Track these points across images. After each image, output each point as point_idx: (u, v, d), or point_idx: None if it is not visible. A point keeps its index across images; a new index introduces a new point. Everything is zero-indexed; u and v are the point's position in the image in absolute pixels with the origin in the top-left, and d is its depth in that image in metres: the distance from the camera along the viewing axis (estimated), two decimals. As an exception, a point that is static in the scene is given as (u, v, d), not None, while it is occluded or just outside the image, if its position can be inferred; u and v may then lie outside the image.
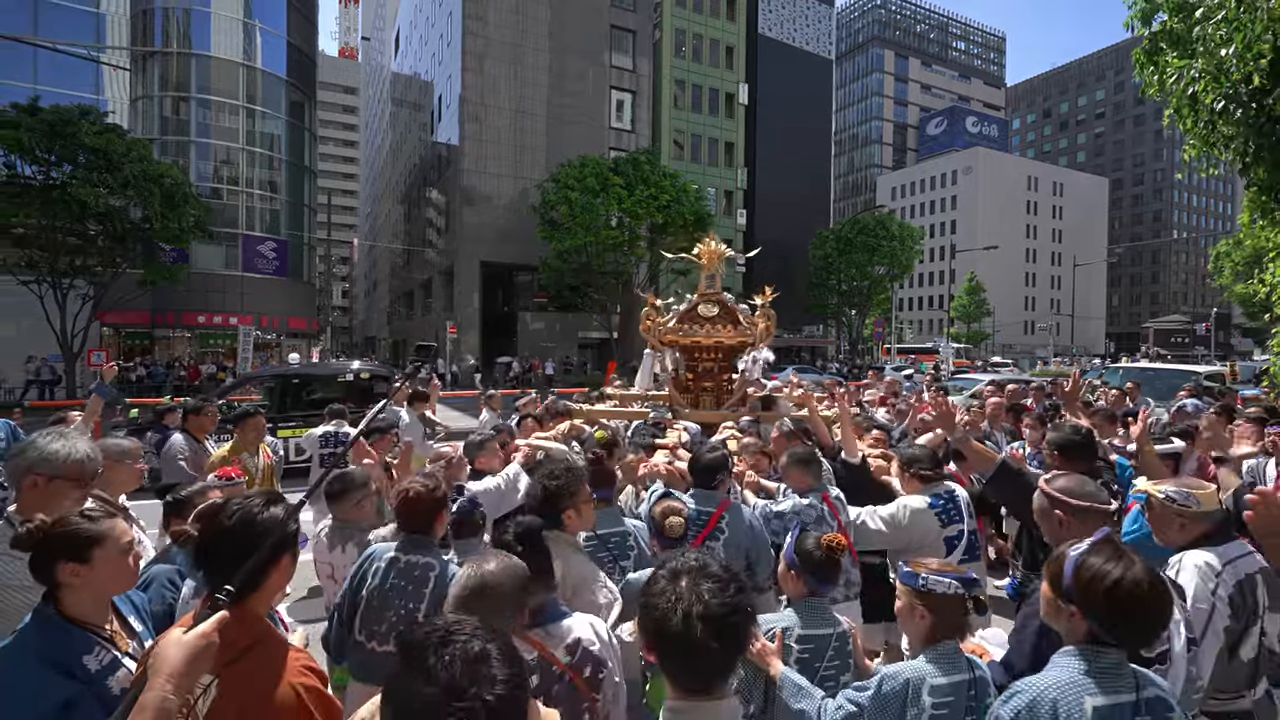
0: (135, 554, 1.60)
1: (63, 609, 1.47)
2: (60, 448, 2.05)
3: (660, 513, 2.44)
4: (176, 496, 2.25)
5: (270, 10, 33.84)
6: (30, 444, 2.07)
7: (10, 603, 1.83)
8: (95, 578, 1.50)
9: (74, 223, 20.68)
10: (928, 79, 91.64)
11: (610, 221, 27.75)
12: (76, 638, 1.45)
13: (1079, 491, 1.94)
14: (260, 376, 12.75)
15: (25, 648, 1.41)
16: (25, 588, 1.86)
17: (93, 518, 1.54)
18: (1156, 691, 1.39)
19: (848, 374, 30.03)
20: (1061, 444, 3.05)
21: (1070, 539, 1.63)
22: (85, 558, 1.48)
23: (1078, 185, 80.00)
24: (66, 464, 2.02)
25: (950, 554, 2.79)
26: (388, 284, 59.81)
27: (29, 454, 2.04)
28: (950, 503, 2.92)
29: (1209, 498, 2.06)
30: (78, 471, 2.04)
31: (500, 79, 33.60)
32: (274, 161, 34.37)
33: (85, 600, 1.51)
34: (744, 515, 2.78)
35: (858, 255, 39.66)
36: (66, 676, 1.38)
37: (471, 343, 32.62)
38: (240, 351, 24.31)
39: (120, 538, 1.54)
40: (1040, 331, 61.35)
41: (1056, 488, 1.97)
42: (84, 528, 1.51)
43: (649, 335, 6.57)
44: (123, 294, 22.62)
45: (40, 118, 19.52)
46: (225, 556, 1.29)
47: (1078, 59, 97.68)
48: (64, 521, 1.54)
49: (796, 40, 56.25)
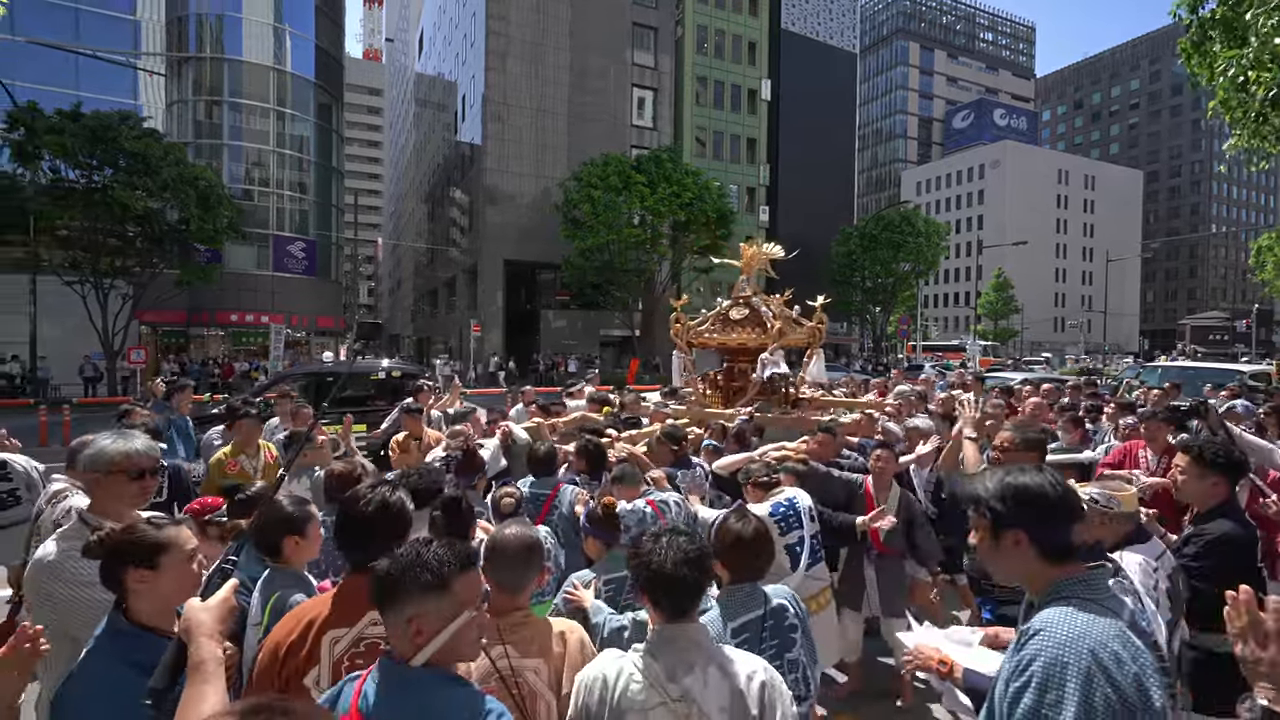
0: (200, 561, 1.65)
1: (131, 615, 1.53)
2: (110, 444, 2.13)
3: (496, 497, 3.05)
4: (242, 496, 2.32)
5: (299, 14, 34.48)
6: (86, 445, 2.15)
7: (83, 599, 1.91)
8: (161, 583, 1.55)
9: (114, 224, 21.37)
10: (954, 71, 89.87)
11: (632, 219, 27.75)
12: (153, 641, 1.50)
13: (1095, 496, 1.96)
14: (294, 375, 13.04)
15: (111, 654, 1.47)
16: (96, 584, 1.94)
17: (159, 525, 1.60)
18: (779, 601, 1.96)
19: (872, 372, 29.66)
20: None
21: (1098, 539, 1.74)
22: (153, 564, 1.54)
23: (1111, 178, 77.81)
24: (114, 460, 2.10)
25: (795, 562, 2.91)
26: (412, 282, 60.64)
27: (84, 455, 2.11)
28: (790, 510, 3.03)
29: (1129, 499, 2.20)
30: (128, 465, 2.12)
31: (523, 78, 33.80)
32: (303, 163, 35.05)
33: (153, 605, 1.55)
34: (567, 497, 3.33)
35: (882, 252, 39.09)
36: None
37: (495, 341, 32.93)
38: (272, 349, 24.85)
39: (185, 545, 1.60)
40: (1071, 328, 59.87)
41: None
42: (150, 535, 1.56)
43: (677, 339, 6.72)
44: (160, 294, 23.31)
45: (82, 123, 20.18)
46: (367, 535, 1.53)
47: (1110, 48, 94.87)
48: (132, 529, 1.61)
49: (820, 34, 55.64)
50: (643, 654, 1.52)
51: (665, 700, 1.44)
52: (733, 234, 29.30)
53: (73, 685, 1.43)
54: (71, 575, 1.90)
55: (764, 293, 6.82)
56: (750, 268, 6.63)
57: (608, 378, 22.16)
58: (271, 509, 2.01)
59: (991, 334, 52.80)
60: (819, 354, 6.38)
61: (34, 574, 1.93)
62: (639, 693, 1.46)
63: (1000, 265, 55.88)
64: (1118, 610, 1.22)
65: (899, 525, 3.46)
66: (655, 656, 1.50)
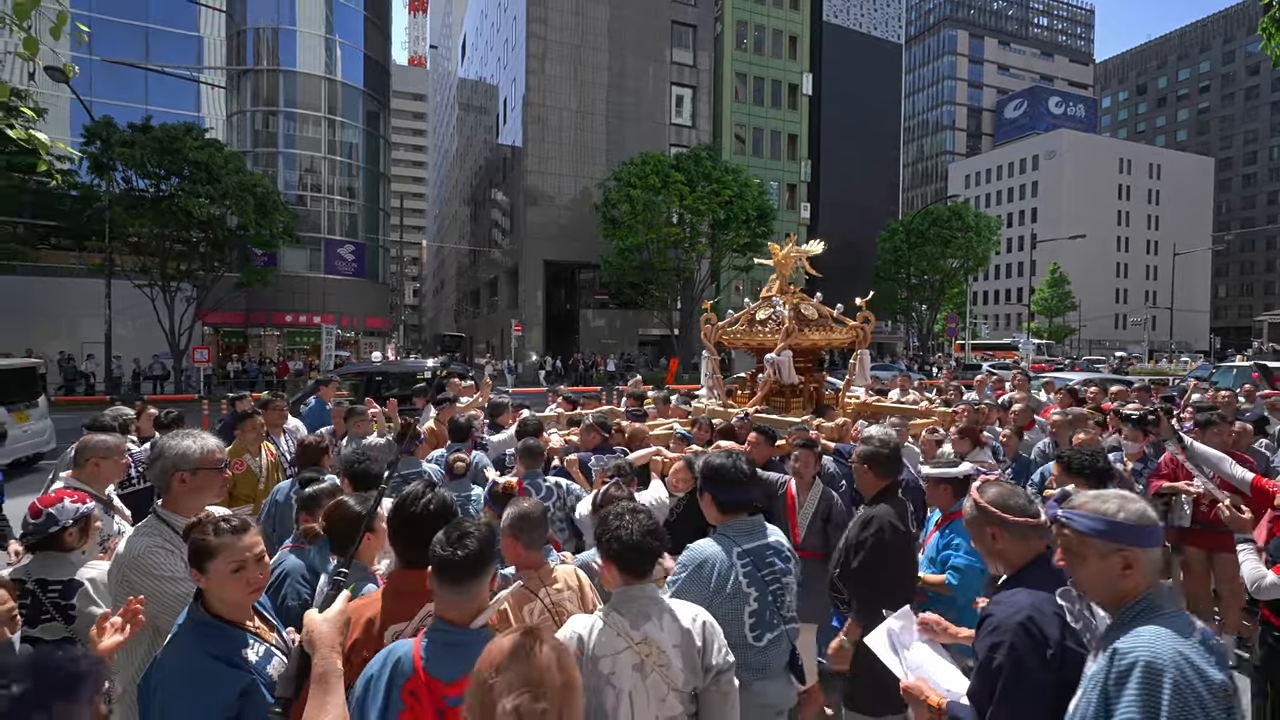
0: (265, 563, 1.71)
1: (208, 607, 1.60)
2: (192, 444, 2.25)
3: (450, 460, 3.74)
4: (308, 495, 2.42)
5: (348, 25, 35.68)
6: (165, 447, 2.26)
7: (162, 591, 2.02)
8: (212, 585, 1.60)
9: (180, 230, 22.60)
10: (1006, 59, 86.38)
11: (671, 218, 27.69)
12: (230, 633, 1.58)
13: (1013, 505, 1.78)
14: (344, 374, 13.49)
15: (193, 645, 1.54)
16: (175, 579, 2.05)
17: (219, 531, 1.62)
18: (777, 537, 2.35)
19: (919, 372, 28.81)
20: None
21: (1002, 553, 1.77)
22: (202, 568, 1.60)
23: (1177, 166, 73.44)
24: (202, 457, 2.22)
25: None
26: (454, 283, 62.05)
27: (168, 456, 2.23)
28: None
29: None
30: (214, 461, 2.26)
31: (562, 80, 34.13)
32: (352, 168, 36.26)
33: (223, 601, 1.61)
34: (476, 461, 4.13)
35: (929, 248, 37.90)
36: (237, 668, 1.51)
37: (536, 340, 33.39)
38: (324, 349, 25.84)
39: (239, 553, 1.60)
40: (1133, 325, 56.83)
41: (989, 498, 1.81)
42: (200, 540, 1.61)
43: (706, 339, 6.79)
44: (220, 296, 24.53)
45: (151, 135, 21.41)
46: (427, 534, 1.65)
47: (1178, 28, 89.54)
48: (191, 529, 1.67)
49: (863, 25, 54.31)
50: (607, 611, 1.81)
51: (630, 644, 1.73)
52: (773, 232, 28.94)
53: (157, 671, 1.53)
54: (152, 568, 2.01)
55: (803, 292, 6.70)
56: (785, 267, 6.53)
57: (647, 377, 22.20)
58: (342, 508, 2.15)
59: (1046, 332, 50.58)
60: (864, 355, 6.21)
61: (117, 566, 2.05)
62: (608, 641, 1.73)
63: (1056, 260, 53.47)
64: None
65: (817, 523, 3.44)
66: (620, 612, 1.79)
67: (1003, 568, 1.80)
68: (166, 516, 2.18)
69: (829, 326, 6.28)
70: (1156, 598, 1.42)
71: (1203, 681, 1.27)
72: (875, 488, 2.76)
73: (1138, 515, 1.42)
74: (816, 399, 6.29)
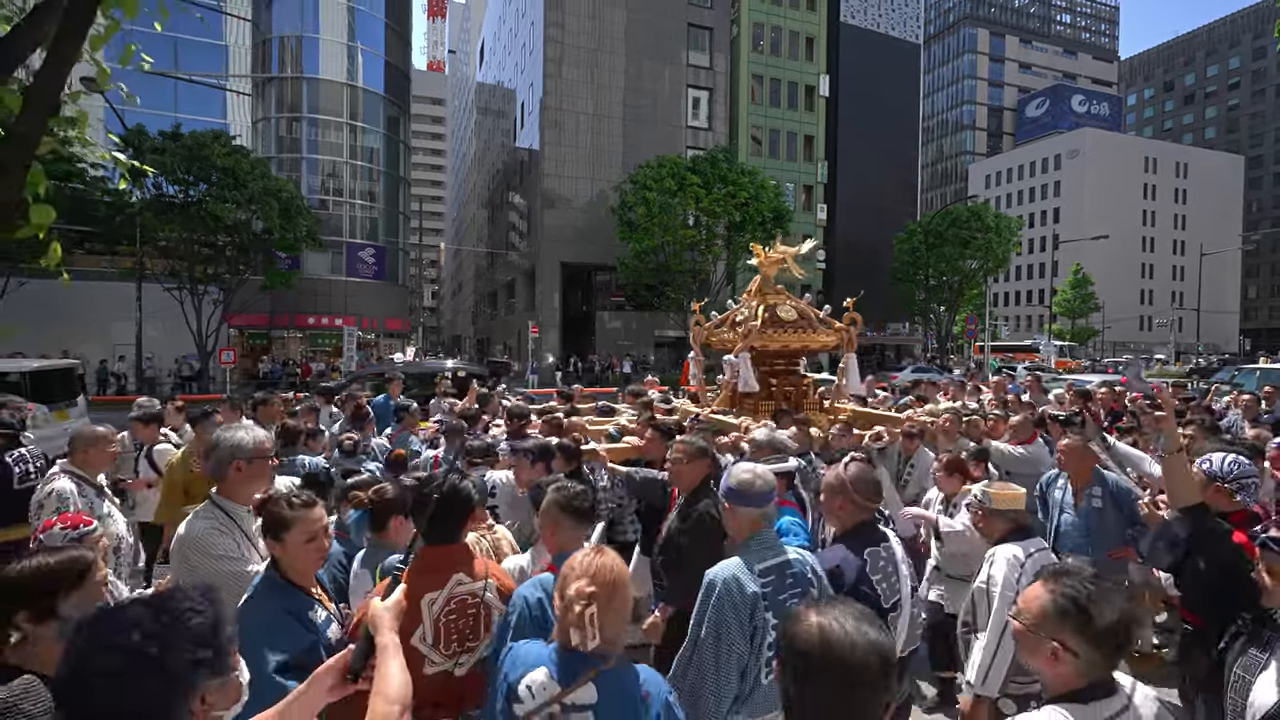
0: (330, 534, 1.91)
1: (281, 572, 1.81)
2: (245, 436, 2.42)
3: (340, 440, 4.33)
4: (348, 485, 2.62)
5: (370, 32, 36.33)
6: (222, 439, 2.44)
7: (219, 570, 2.18)
8: (286, 554, 1.82)
9: (208, 235, 23.20)
10: (1027, 57, 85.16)
11: (687, 220, 27.78)
12: (300, 597, 1.76)
13: (863, 482, 2.24)
14: (366, 375, 13.80)
15: (274, 602, 1.75)
16: (229, 558, 2.23)
17: (292, 505, 1.85)
18: (796, 552, 2.14)
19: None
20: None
21: (841, 517, 2.26)
22: (278, 538, 1.82)
23: (1206, 165, 71.80)
24: (256, 447, 2.40)
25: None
26: (472, 285, 62.68)
27: (224, 447, 2.40)
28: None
29: (1006, 498, 2.52)
30: (266, 450, 2.44)
31: (579, 83, 34.41)
32: (373, 173, 36.89)
33: (294, 568, 1.83)
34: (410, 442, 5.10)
35: (948, 249, 37.51)
36: (306, 627, 1.68)
37: (552, 341, 33.64)
38: (345, 350, 26.32)
39: (309, 525, 1.85)
40: (1159, 327, 55.65)
41: (850, 475, 2.27)
42: (276, 514, 1.84)
43: (694, 341, 6.88)
44: (246, 299, 25.10)
45: (181, 143, 22.03)
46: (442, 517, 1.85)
47: (1206, 24, 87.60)
48: (266, 503, 1.88)
49: (881, 26, 53.91)
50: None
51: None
52: (789, 233, 28.81)
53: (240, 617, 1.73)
54: (209, 547, 2.19)
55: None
56: (769, 267, 6.39)
57: (665, 379, 22.25)
58: (382, 494, 2.38)
59: (1069, 333, 49.75)
60: (852, 360, 6.03)
61: (179, 545, 2.23)
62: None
63: (1078, 261, 52.58)
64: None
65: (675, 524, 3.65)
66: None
67: (836, 528, 2.35)
68: (221, 502, 2.35)
69: (811, 329, 6.05)
70: (754, 541, 2.06)
71: (739, 590, 1.90)
72: (689, 484, 2.93)
73: (739, 483, 2.11)
74: (797, 403, 5.97)
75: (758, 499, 2.10)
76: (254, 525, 2.40)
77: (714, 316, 7.12)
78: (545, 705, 1.37)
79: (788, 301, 6.31)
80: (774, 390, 6.05)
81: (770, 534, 2.15)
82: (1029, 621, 1.40)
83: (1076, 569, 1.43)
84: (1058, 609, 1.35)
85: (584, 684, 1.38)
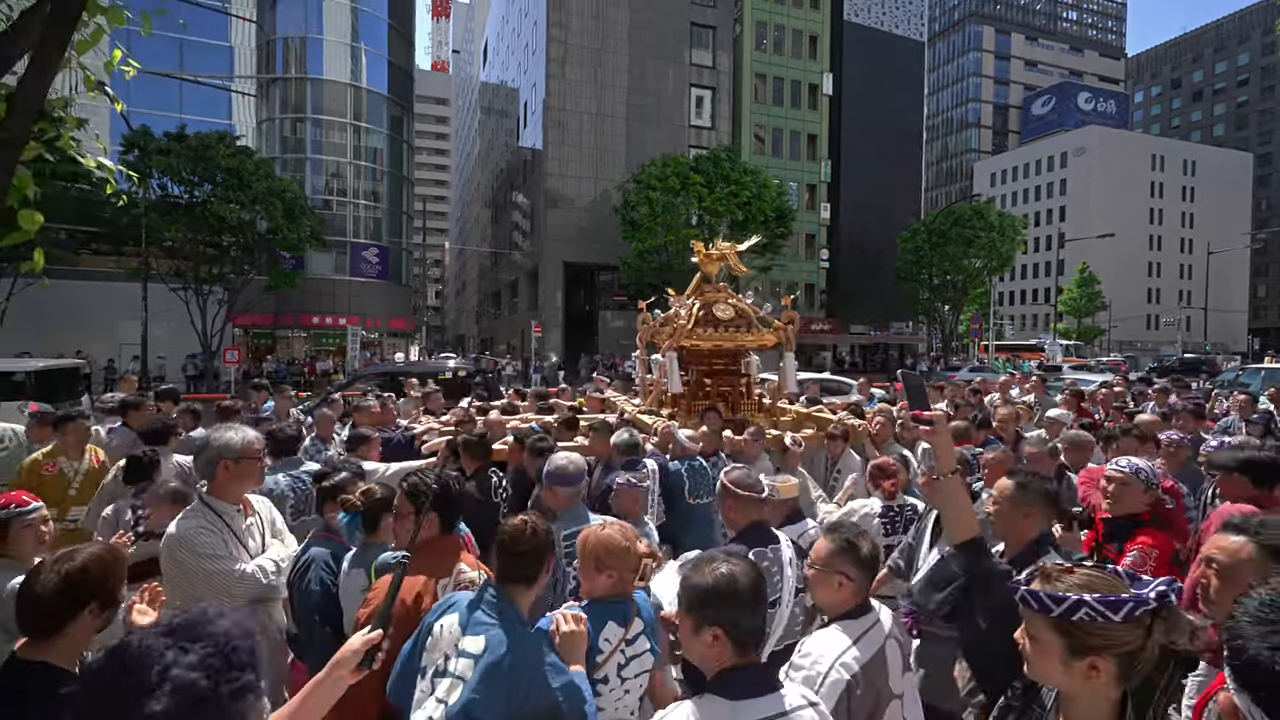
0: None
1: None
2: (234, 436, 2.44)
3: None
4: (329, 484, 2.63)
5: (373, 33, 36.45)
6: (211, 439, 2.46)
7: (205, 569, 2.21)
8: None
9: (212, 235, 23.32)
10: (1033, 54, 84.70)
11: (690, 220, 27.77)
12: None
13: (744, 483, 2.48)
14: (369, 374, 13.85)
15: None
16: (216, 557, 2.26)
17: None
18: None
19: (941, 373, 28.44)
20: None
21: (731, 519, 2.48)
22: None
23: (1214, 162, 71.21)
24: (244, 447, 2.42)
25: None
26: (476, 284, 62.82)
27: (213, 447, 2.43)
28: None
29: (788, 489, 2.88)
30: (254, 451, 2.46)
31: (582, 83, 34.43)
32: (376, 173, 37.01)
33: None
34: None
35: (952, 247, 37.35)
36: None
37: (555, 341, 33.70)
38: (349, 350, 26.44)
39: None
40: (1166, 326, 55.32)
41: (731, 479, 2.49)
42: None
43: (640, 341, 6.92)
44: (250, 298, 25.23)
45: (186, 144, 22.15)
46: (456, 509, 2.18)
47: (1214, 20, 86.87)
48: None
49: (885, 24, 53.64)
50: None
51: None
52: (791, 232, 28.84)
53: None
54: (198, 546, 2.22)
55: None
56: (708, 265, 6.36)
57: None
58: (371, 495, 2.46)
59: (1074, 332, 49.47)
60: (789, 359, 5.96)
61: (167, 544, 2.25)
62: None
63: (1085, 259, 52.28)
64: None
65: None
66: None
67: (730, 529, 2.52)
68: (210, 501, 2.37)
69: (749, 328, 5.90)
70: (566, 514, 2.72)
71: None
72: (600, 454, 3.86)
73: (556, 468, 2.82)
74: (735, 403, 5.82)
75: (574, 479, 2.79)
76: (243, 524, 2.43)
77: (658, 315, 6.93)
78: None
79: (727, 300, 6.15)
80: (709, 390, 5.88)
81: (581, 507, 2.81)
82: (820, 562, 1.84)
83: (842, 523, 2.18)
84: (839, 547, 1.83)
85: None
